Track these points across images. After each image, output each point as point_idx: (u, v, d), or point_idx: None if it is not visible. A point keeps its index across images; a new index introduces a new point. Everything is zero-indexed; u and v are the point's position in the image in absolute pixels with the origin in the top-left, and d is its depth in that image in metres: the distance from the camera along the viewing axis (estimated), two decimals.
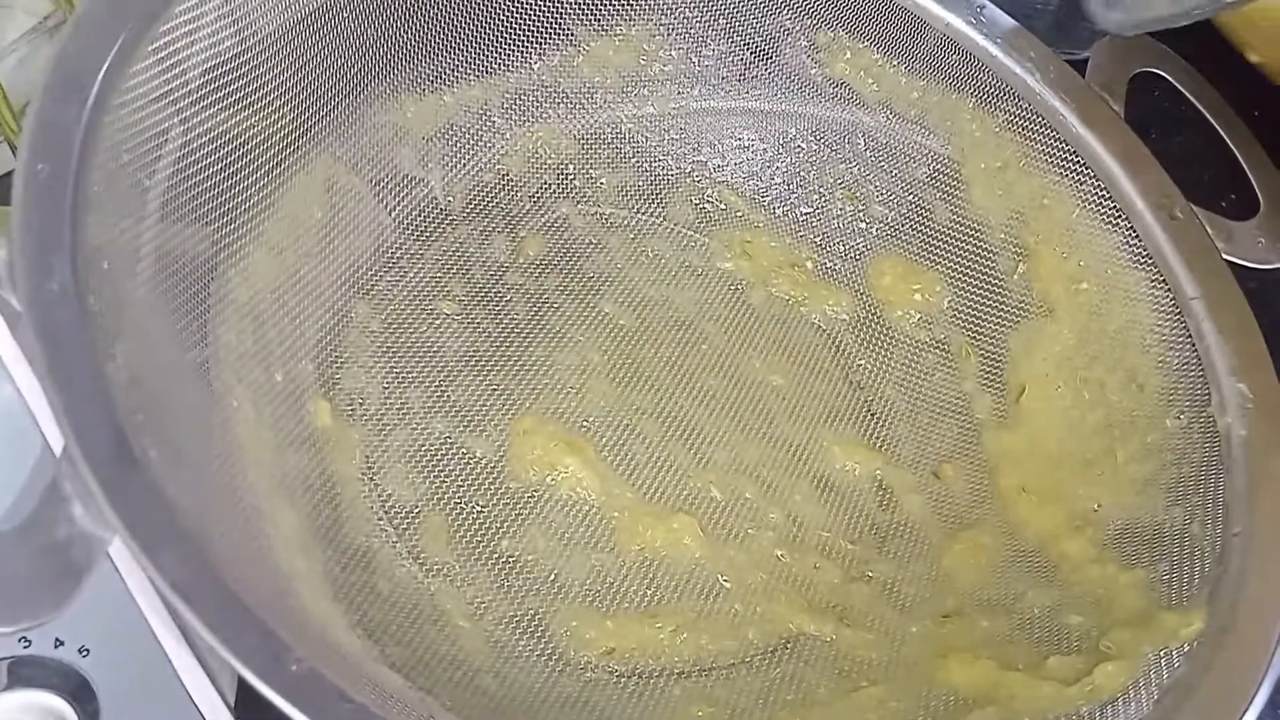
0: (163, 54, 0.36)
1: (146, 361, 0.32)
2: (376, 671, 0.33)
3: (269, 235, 0.40)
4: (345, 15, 0.43)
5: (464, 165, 0.49)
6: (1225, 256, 0.41)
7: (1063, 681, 0.36)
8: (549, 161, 0.51)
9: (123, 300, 0.32)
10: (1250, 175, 0.43)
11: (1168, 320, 0.42)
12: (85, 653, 0.37)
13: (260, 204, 0.40)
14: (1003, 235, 0.48)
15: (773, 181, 0.52)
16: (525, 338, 0.46)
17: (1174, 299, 0.42)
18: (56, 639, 0.37)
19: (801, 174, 0.52)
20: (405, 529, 0.40)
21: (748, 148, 0.52)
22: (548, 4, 0.48)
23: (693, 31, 0.51)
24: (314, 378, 0.41)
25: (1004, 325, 0.48)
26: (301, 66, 0.41)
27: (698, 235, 0.51)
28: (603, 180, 0.51)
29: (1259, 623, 0.33)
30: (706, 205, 0.52)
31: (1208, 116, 0.44)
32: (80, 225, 0.30)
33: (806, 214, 0.52)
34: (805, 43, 0.51)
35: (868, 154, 0.51)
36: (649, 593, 0.41)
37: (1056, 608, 0.39)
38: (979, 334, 0.48)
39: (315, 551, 0.36)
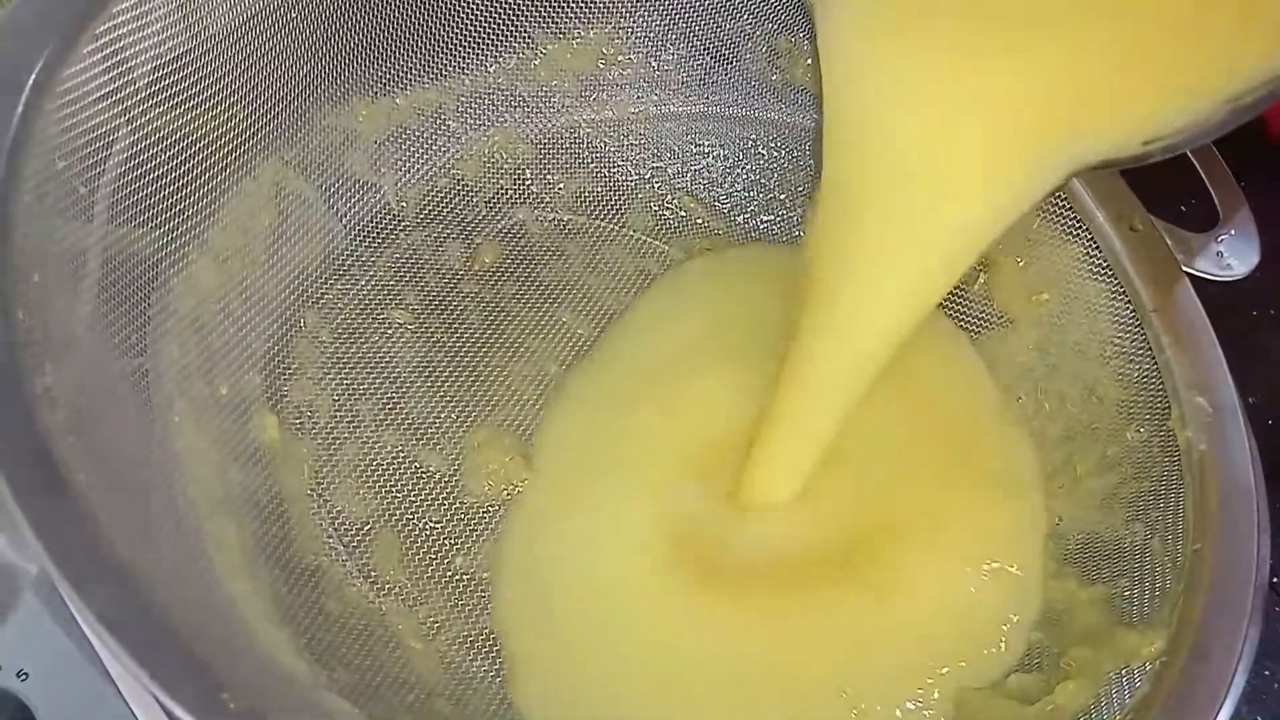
0: (102, 55, 0.34)
1: (81, 379, 0.30)
2: (323, 699, 0.32)
3: (214, 242, 0.39)
4: (295, 14, 0.42)
5: (417, 170, 0.48)
6: (1185, 268, 0.41)
7: (1023, 700, 0.35)
8: (505, 166, 0.50)
9: (56, 314, 0.30)
10: (1210, 187, 0.43)
11: (1127, 332, 0.42)
12: (24, 677, 0.36)
13: (205, 210, 0.39)
14: None
15: (734, 189, 0.52)
16: (480, 348, 0.45)
17: (1134, 311, 0.41)
18: None
19: (763, 181, 0.52)
20: (356, 547, 0.39)
21: (708, 154, 0.52)
22: (504, 6, 0.47)
23: (652, 35, 0.50)
24: (261, 390, 0.40)
25: (966, 336, 0.47)
26: (249, 68, 0.40)
27: (657, 243, 0.50)
28: (560, 186, 0.50)
29: (1220, 641, 0.32)
30: (666, 212, 0.51)
31: None
32: (7, 237, 0.29)
33: (768, 222, 0.51)
34: (766, 48, 0.50)
35: None
36: None
37: None
38: None
39: (261, 572, 0.35)
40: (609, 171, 0.51)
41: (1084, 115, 0.30)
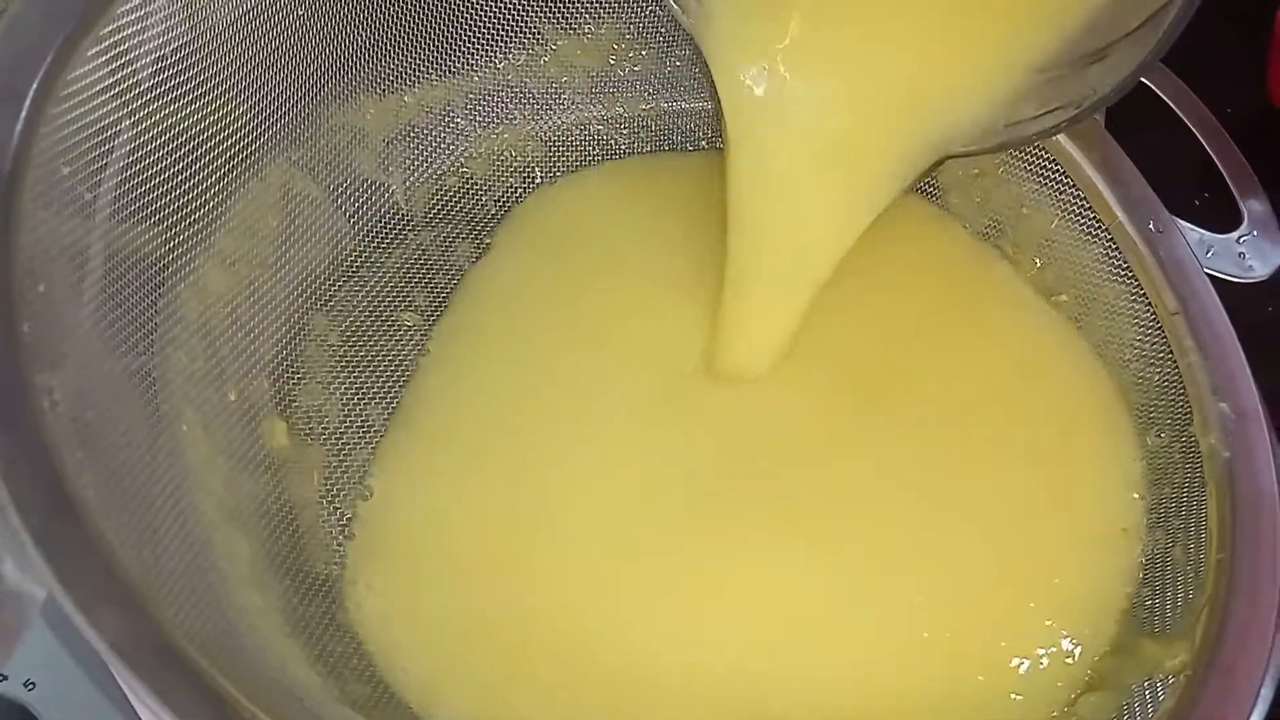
0: (106, 56, 0.33)
1: (87, 391, 0.30)
2: (337, 713, 0.31)
3: (221, 246, 0.39)
4: (300, 11, 0.41)
5: (426, 169, 0.47)
6: (1207, 270, 0.41)
7: (1045, 711, 0.35)
8: (514, 165, 0.49)
9: (62, 325, 0.30)
10: (1233, 188, 0.42)
11: (1147, 335, 0.41)
12: (31, 686, 0.36)
13: (212, 213, 0.38)
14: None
15: None
16: None
17: (1154, 313, 0.41)
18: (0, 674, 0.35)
19: None
20: None
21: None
22: (513, 1, 0.47)
23: (663, 32, 0.49)
24: (269, 396, 0.39)
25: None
26: (253, 66, 0.39)
27: None
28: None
29: (1246, 653, 0.32)
30: None
31: (1191, 128, 0.43)
32: (12, 246, 0.28)
33: None
34: None
35: None
36: None
37: None
38: None
39: (271, 583, 0.35)
40: None
41: (941, 97, 0.37)
